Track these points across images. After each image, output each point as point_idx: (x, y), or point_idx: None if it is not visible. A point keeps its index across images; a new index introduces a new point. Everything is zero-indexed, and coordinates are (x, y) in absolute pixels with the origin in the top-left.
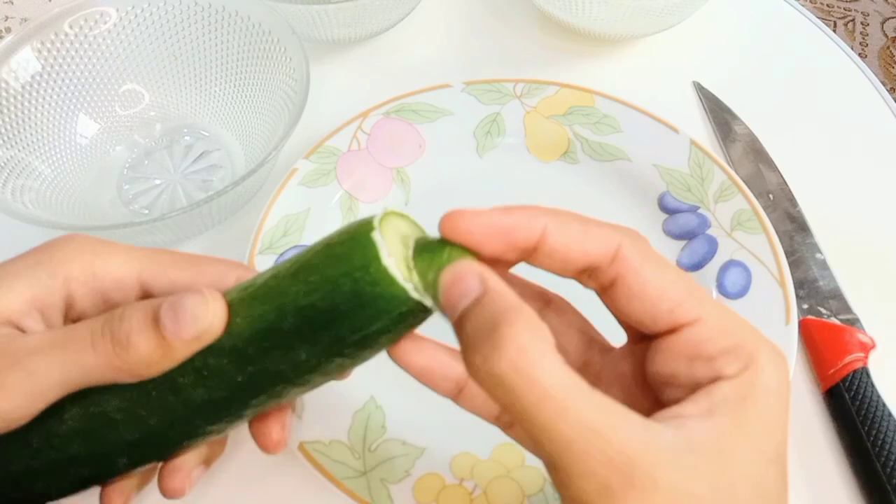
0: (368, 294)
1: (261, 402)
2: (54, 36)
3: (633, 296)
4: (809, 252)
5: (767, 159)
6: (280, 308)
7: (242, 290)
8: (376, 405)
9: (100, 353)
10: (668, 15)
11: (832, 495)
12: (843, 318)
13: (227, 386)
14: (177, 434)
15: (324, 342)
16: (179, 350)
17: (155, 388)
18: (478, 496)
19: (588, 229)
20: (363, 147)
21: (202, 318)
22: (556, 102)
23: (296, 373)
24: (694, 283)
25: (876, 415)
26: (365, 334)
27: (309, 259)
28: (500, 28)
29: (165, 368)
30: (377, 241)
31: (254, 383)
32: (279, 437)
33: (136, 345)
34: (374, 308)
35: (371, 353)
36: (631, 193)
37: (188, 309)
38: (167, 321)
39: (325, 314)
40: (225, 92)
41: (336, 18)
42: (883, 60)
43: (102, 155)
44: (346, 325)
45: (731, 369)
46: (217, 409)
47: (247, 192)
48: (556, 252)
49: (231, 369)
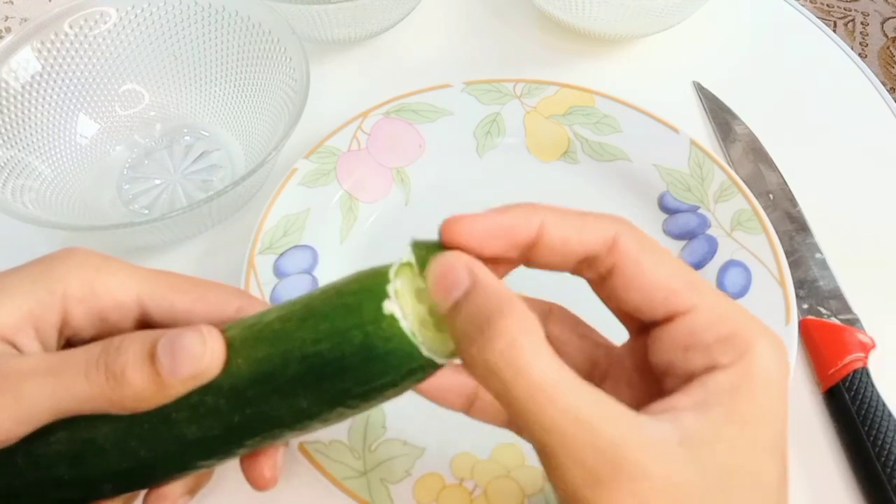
0: (379, 349)
1: (255, 443)
2: (54, 36)
3: (629, 284)
4: (809, 252)
5: (767, 159)
6: (285, 354)
7: (246, 328)
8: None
9: (93, 384)
10: (668, 15)
11: (832, 495)
12: (843, 318)
13: (221, 425)
14: (166, 467)
15: (327, 393)
16: (174, 388)
17: (147, 420)
18: (478, 496)
19: (585, 220)
20: (363, 147)
21: (199, 358)
22: (556, 102)
23: (294, 419)
24: (691, 271)
25: (876, 415)
26: (371, 388)
27: (319, 306)
28: (500, 28)
29: (159, 404)
30: (391, 294)
31: (250, 425)
32: (270, 475)
33: (130, 379)
34: (384, 364)
35: (375, 404)
36: (631, 193)
37: (186, 347)
38: (164, 358)
39: (332, 365)
40: (225, 92)
41: (336, 18)
42: (883, 60)
43: (102, 155)
44: (353, 378)
45: (726, 358)
46: (209, 447)
47: (247, 192)
48: (556, 245)
49: (227, 410)
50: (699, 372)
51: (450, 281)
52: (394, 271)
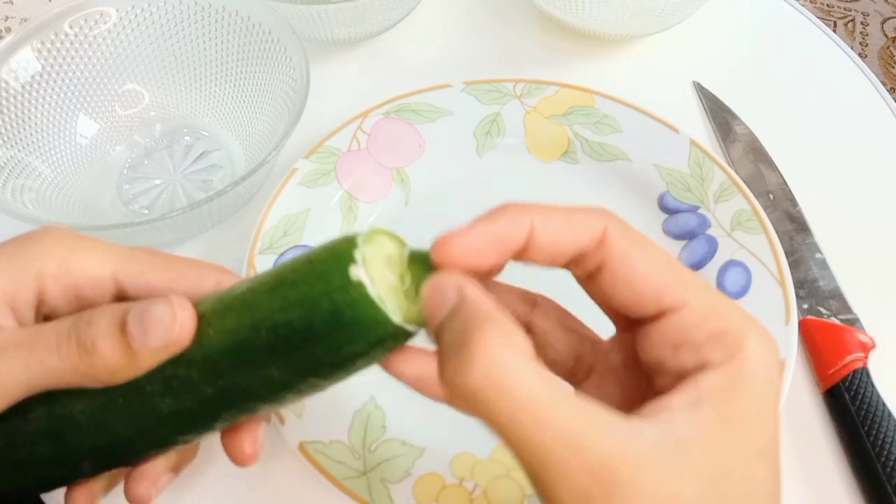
0: (347, 316)
1: (231, 415)
2: (54, 36)
3: (619, 281)
4: (809, 252)
5: (767, 159)
6: (254, 323)
7: (218, 300)
8: (376, 405)
9: (64, 357)
10: (668, 15)
11: (832, 495)
12: (843, 318)
13: (195, 398)
14: (143, 442)
15: (297, 362)
16: (145, 359)
17: (122, 394)
18: (478, 496)
19: (573, 217)
20: (363, 147)
21: (169, 328)
22: (556, 102)
23: (267, 390)
24: (680, 265)
25: (876, 415)
26: (341, 356)
27: (288, 274)
28: (500, 28)
29: (131, 376)
30: (358, 260)
31: (223, 397)
32: (251, 450)
33: (101, 351)
34: (352, 331)
35: (346, 374)
36: (631, 193)
37: (155, 317)
38: (134, 329)
39: (301, 333)
40: (225, 92)
41: (336, 18)
42: (883, 60)
43: (102, 155)
44: (322, 347)
45: (717, 356)
46: (185, 420)
47: (247, 192)
48: (546, 246)
49: (200, 381)
50: (691, 370)
51: (438, 300)
52: (362, 238)
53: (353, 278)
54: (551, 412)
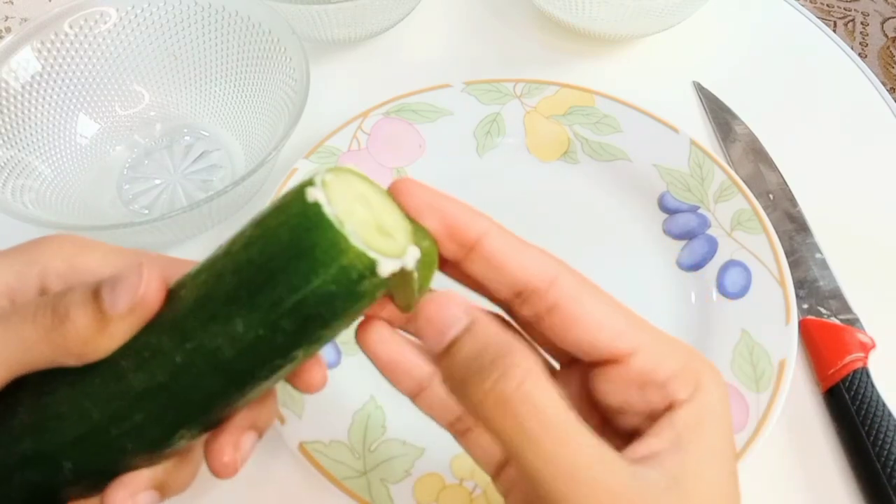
0: (305, 242)
1: (206, 400)
2: (54, 36)
3: (571, 324)
4: (809, 252)
5: (767, 159)
6: (220, 270)
7: (199, 264)
8: (376, 405)
9: (38, 326)
10: (668, 15)
11: (832, 495)
12: (843, 318)
13: (165, 369)
14: (119, 433)
15: (260, 308)
16: (117, 325)
17: (99, 374)
18: (478, 496)
19: (528, 246)
20: (363, 147)
21: (136, 286)
22: (556, 102)
23: (236, 351)
24: (628, 309)
25: (876, 415)
26: (304, 296)
27: (256, 217)
28: (500, 28)
29: (104, 347)
30: (317, 183)
31: (192, 367)
32: (230, 458)
33: (73, 318)
34: (312, 260)
35: (315, 330)
36: (631, 193)
37: (124, 281)
38: (105, 295)
39: (262, 271)
40: (225, 92)
41: (336, 18)
42: (883, 60)
43: (102, 155)
44: (283, 284)
45: (683, 393)
46: (159, 403)
47: (247, 192)
48: (494, 257)
49: (169, 347)
50: (660, 409)
51: (445, 318)
52: (326, 170)
53: (310, 199)
54: (575, 436)
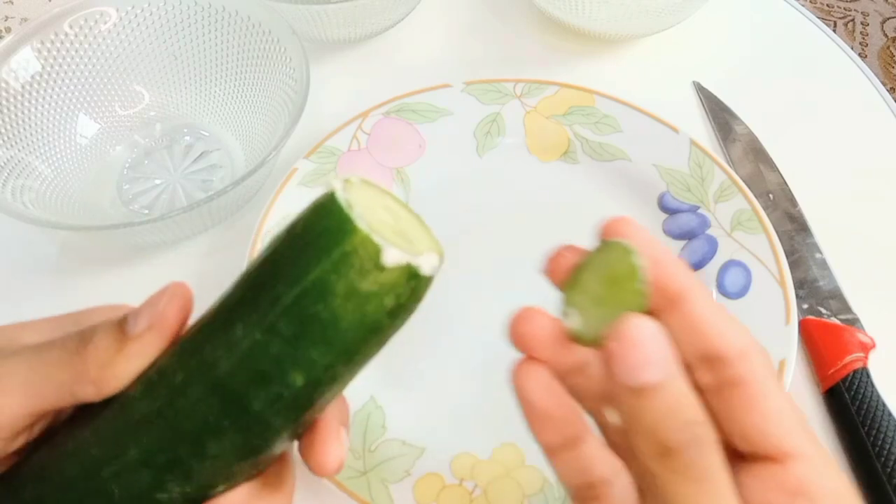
0: (316, 229)
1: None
2: (54, 36)
3: (750, 405)
4: (809, 252)
5: (767, 159)
6: (236, 280)
7: None
8: (376, 405)
9: (64, 350)
10: (668, 15)
11: None
12: (843, 318)
13: (166, 390)
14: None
15: (259, 306)
16: (134, 345)
17: (111, 406)
18: (478, 496)
19: (725, 312)
20: (363, 147)
21: (156, 304)
22: (556, 102)
23: (231, 362)
24: (804, 416)
25: (876, 415)
26: (302, 290)
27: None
28: (500, 28)
29: (122, 370)
30: (343, 180)
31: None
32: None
33: (96, 341)
34: (316, 246)
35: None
36: (631, 193)
37: (148, 301)
38: (130, 318)
39: (270, 267)
40: (225, 92)
41: (336, 18)
42: (883, 60)
43: (102, 155)
44: (284, 277)
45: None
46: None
47: (247, 192)
48: (696, 317)
49: (174, 366)
50: None
51: (643, 356)
52: (353, 177)
53: (329, 191)
54: None
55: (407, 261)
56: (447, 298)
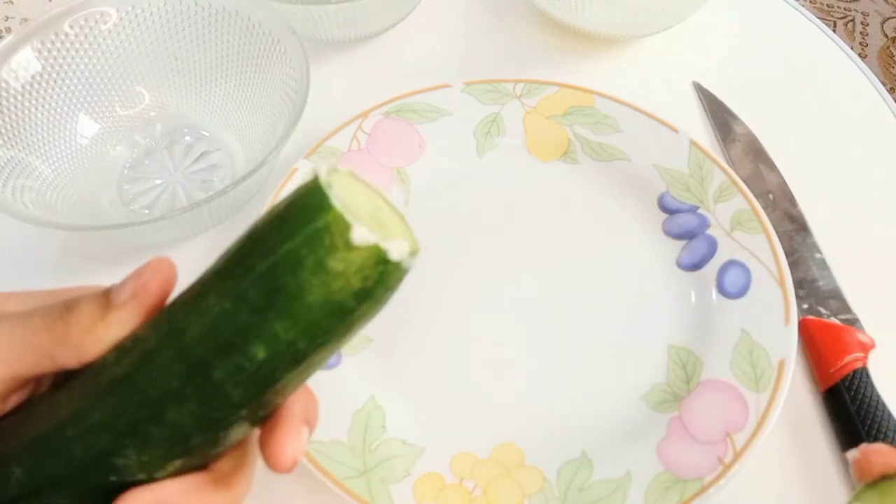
0: (295, 207)
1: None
2: (54, 36)
3: None
4: (809, 252)
5: (767, 159)
6: (220, 255)
7: None
8: (376, 405)
9: (47, 317)
10: (668, 15)
11: (832, 495)
12: (843, 318)
13: (137, 355)
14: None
15: (233, 275)
16: (117, 312)
17: (87, 371)
18: (478, 496)
19: None
20: (363, 147)
21: (140, 273)
22: (556, 102)
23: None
24: None
25: (876, 415)
26: (274, 261)
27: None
28: (500, 28)
29: (102, 337)
30: (328, 165)
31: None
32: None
33: (80, 307)
34: (292, 222)
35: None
36: (631, 193)
37: (134, 272)
38: (114, 288)
39: (245, 243)
40: (225, 92)
41: (336, 18)
42: (883, 60)
43: (102, 155)
44: (259, 249)
45: None
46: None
47: (247, 192)
48: None
49: (149, 333)
50: None
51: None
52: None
53: (312, 174)
54: None
55: (375, 241)
56: (447, 298)
